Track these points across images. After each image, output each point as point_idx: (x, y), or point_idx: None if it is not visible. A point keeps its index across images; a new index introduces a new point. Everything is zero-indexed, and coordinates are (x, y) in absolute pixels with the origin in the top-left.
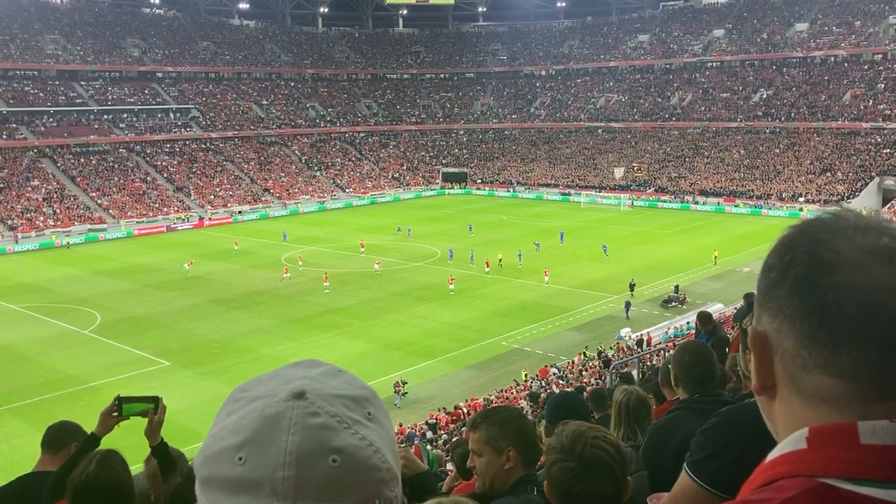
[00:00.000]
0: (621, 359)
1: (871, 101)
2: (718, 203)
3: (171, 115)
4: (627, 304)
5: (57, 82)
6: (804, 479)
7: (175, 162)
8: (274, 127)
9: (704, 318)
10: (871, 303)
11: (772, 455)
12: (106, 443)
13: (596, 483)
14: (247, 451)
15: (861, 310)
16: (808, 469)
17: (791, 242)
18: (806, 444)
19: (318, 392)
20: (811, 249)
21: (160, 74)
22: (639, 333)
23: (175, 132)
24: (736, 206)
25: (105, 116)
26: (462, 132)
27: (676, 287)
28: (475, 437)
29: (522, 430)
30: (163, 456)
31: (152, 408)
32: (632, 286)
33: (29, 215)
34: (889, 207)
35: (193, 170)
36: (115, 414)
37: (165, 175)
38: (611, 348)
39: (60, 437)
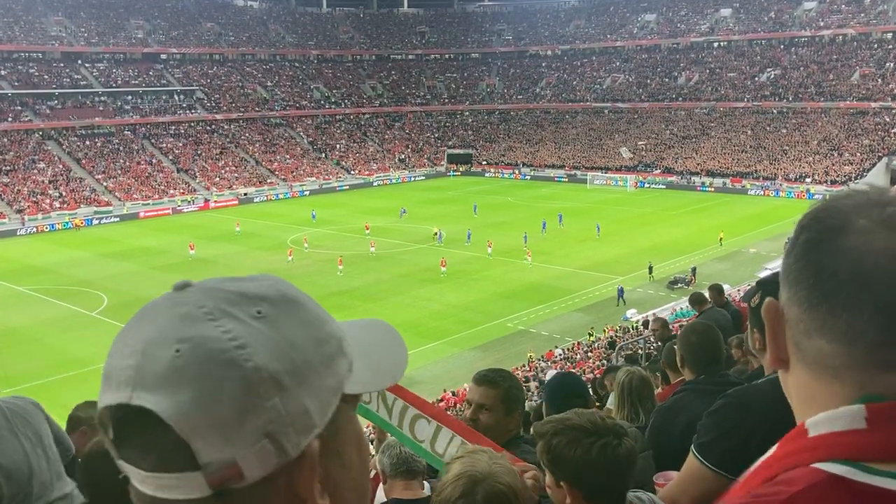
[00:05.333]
0: (626, 340)
1: (879, 80)
2: (725, 184)
3: (176, 97)
4: (620, 291)
5: (61, 64)
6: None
7: (180, 144)
8: (278, 109)
9: (696, 299)
10: (868, 263)
11: (816, 430)
12: None
13: (632, 450)
14: (117, 345)
15: (857, 270)
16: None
17: (806, 214)
18: (865, 423)
19: (205, 286)
20: (819, 216)
21: (164, 56)
22: (645, 315)
23: (180, 114)
24: (743, 186)
25: (110, 98)
26: (467, 113)
27: (694, 269)
28: (491, 393)
29: (524, 396)
30: None
31: None
32: (650, 269)
33: (35, 198)
34: None
35: (199, 152)
36: None
37: (171, 157)
38: (616, 330)
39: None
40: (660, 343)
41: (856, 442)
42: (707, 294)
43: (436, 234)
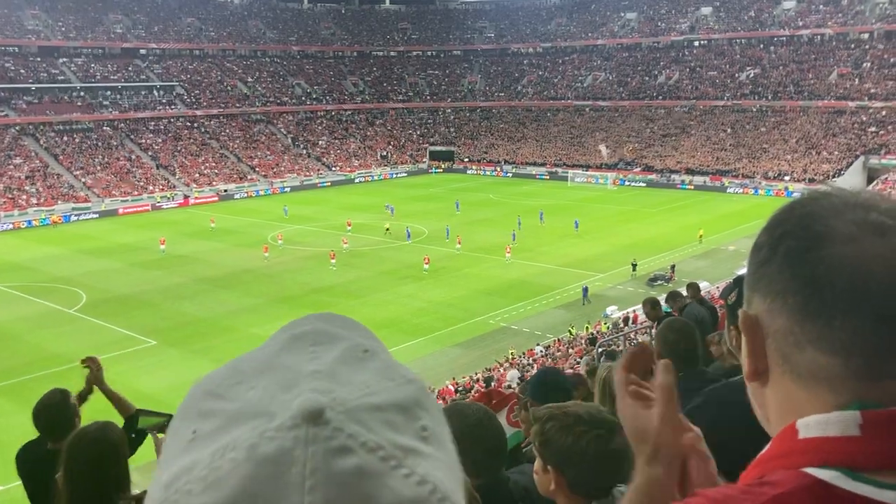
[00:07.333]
0: (606, 337)
1: (857, 79)
2: (705, 182)
3: (156, 93)
4: (585, 290)
5: (38, 59)
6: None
7: (160, 140)
8: (259, 105)
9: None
10: (863, 273)
11: (807, 432)
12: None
13: (625, 447)
14: None
15: (853, 281)
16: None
17: (781, 219)
18: (859, 431)
19: (344, 405)
20: (802, 223)
21: (144, 51)
22: (625, 311)
23: (159, 110)
24: (722, 184)
25: (88, 94)
26: (449, 110)
27: (673, 266)
28: None
29: (480, 448)
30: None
31: (165, 422)
32: (634, 266)
33: (11, 194)
34: (874, 186)
35: (178, 148)
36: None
37: (150, 153)
38: (600, 323)
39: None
40: (651, 321)
41: (848, 449)
42: (685, 293)
43: (387, 229)
